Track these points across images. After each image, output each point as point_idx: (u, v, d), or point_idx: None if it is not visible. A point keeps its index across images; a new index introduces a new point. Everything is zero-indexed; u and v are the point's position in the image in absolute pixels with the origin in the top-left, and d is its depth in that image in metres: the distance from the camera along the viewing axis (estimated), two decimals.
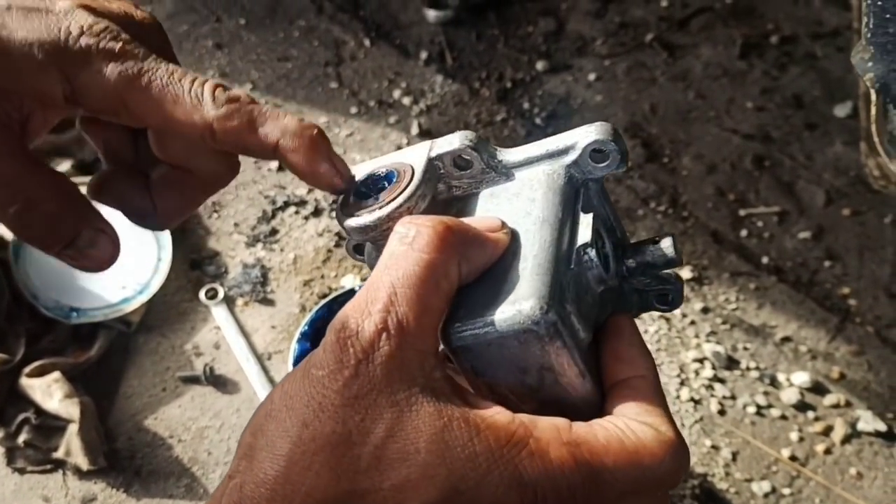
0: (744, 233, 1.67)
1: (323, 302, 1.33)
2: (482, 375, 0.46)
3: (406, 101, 1.87)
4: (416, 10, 2.07)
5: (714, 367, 1.46)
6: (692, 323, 1.52)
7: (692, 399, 1.42)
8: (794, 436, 1.39)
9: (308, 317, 1.31)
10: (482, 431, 0.39)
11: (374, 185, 0.51)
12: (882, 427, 1.39)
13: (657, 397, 0.45)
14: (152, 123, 0.47)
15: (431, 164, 0.50)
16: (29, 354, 1.40)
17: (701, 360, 1.47)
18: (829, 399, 1.43)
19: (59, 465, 1.34)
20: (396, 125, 1.83)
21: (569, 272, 0.45)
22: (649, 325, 1.51)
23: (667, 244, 0.49)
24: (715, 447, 1.37)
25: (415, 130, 1.81)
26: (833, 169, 1.77)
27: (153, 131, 0.50)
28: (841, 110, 1.86)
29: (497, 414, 0.41)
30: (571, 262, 0.45)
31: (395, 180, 0.50)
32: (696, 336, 1.51)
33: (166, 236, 1.54)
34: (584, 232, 0.46)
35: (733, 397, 1.43)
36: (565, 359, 0.43)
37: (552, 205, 0.47)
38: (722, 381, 1.45)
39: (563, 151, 0.49)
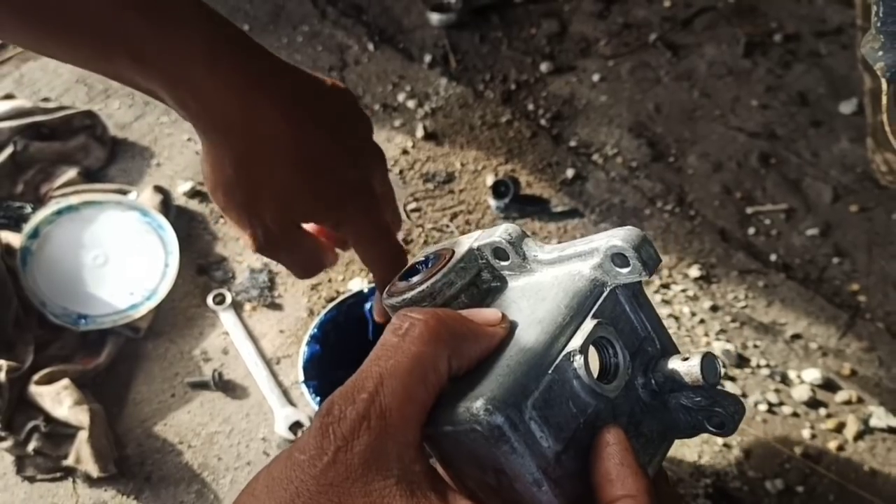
0: (751, 230, 1.66)
1: (331, 305, 1.33)
2: (450, 466, 0.46)
3: (411, 104, 1.87)
4: (419, 13, 2.07)
5: (725, 366, 1.45)
6: (701, 321, 1.52)
7: None
8: (806, 433, 1.38)
9: (317, 320, 1.31)
10: None
11: (415, 269, 0.52)
12: (895, 423, 1.38)
13: None
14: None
15: (472, 253, 0.50)
16: (37, 362, 1.40)
17: None
18: (841, 396, 1.42)
19: (69, 472, 1.34)
20: (402, 128, 1.83)
21: (544, 377, 0.43)
22: None
23: (692, 364, 0.46)
24: (727, 445, 1.37)
25: (420, 133, 1.80)
26: (839, 165, 1.76)
27: None
28: (846, 107, 1.85)
29: None
30: (552, 367, 0.44)
31: (430, 266, 0.52)
32: (706, 335, 1.50)
33: (173, 242, 1.54)
34: (577, 338, 0.44)
35: (744, 395, 1.42)
36: (517, 465, 0.42)
37: (557, 306, 0.46)
38: (732, 379, 1.44)
39: (590, 253, 0.47)
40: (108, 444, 1.34)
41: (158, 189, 1.63)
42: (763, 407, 1.41)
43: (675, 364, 0.47)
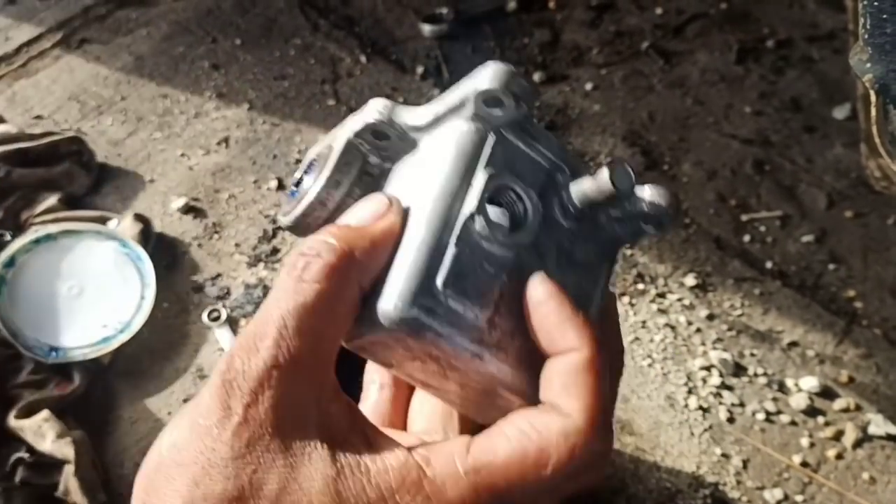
0: (746, 238, 1.66)
1: None
2: (391, 367, 0.44)
3: None
4: (412, 25, 2.07)
5: (721, 375, 1.45)
6: (698, 330, 1.51)
7: (700, 407, 1.41)
8: (804, 441, 1.38)
9: None
10: (373, 478, 0.37)
11: (301, 179, 0.48)
12: (893, 430, 1.38)
13: (587, 374, 0.41)
14: None
15: (351, 145, 0.47)
16: (11, 391, 1.37)
17: (708, 368, 1.46)
18: (839, 403, 1.42)
19: None
20: None
21: (448, 251, 0.40)
22: (654, 335, 1.50)
23: (601, 178, 0.43)
24: (725, 455, 1.36)
25: None
26: (834, 171, 1.76)
27: None
28: (840, 112, 1.85)
29: (390, 455, 0.39)
30: (453, 237, 0.40)
31: (313, 171, 0.47)
32: (703, 343, 1.49)
33: (151, 274, 1.51)
34: (471, 199, 0.41)
35: (742, 404, 1.42)
36: (450, 347, 0.40)
37: (442, 172, 0.42)
38: (730, 388, 1.44)
39: (462, 105, 0.43)
40: (97, 474, 1.31)
41: (139, 217, 1.59)
42: (761, 416, 1.40)
43: (585, 184, 0.44)
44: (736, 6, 2.09)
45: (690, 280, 1.58)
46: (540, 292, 0.42)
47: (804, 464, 1.35)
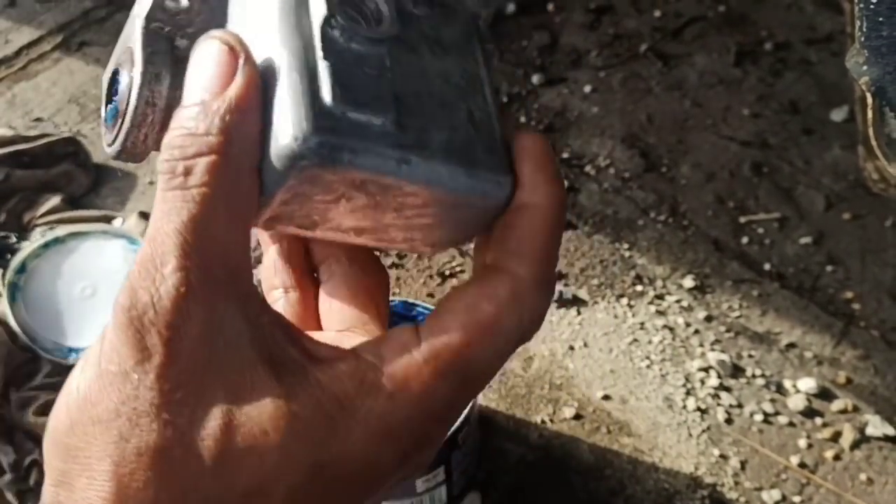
0: (745, 240, 1.66)
1: None
2: (315, 227, 0.40)
3: None
4: None
5: (720, 376, 1.45)
6: (696, 332, 1.52)
7: (699, 409, 1.41)
8: (802, 443, 1.38)
9: None
10: (327, 389, 0.33)
11: (110, 98, 0.43)
12: (891, 431, 1.38)
13: (545, 234, 0.38)
14: None
15: (150, 32, 0.41)
16: (27, 392, 1.37)
17: (706, 369, 1.46)
18: (837, 404, 1.42)
19: None
20: None
21: (319, 65, 0.36)
22: (653, 336, 1.50)
23: None
24: (723, 456, 1.36)
25: None
26: (832, 173, 1.76)
27: None
28: (837, 114, 1.86)
29: (339, 362, 0.35)
30: (318, 51, 0.36)
31: (121, 79, 0.42)
32: (701, 345, 1.50)
33: None
34: (318, 7, 0.37)
35: (740, 405, 1.42)
36: (370, 163, 0.36)
37: None
38: (728, 389, 1.44)
39: None
40: None
41: (144, 215, 1.60)
42: (759, 417, 1.41)
43: None
44: (734, 9, 2.10)
45: (689, 282, 1.58)
46: (529, 140, 0.40)
47: (802, 465, 1.36)
